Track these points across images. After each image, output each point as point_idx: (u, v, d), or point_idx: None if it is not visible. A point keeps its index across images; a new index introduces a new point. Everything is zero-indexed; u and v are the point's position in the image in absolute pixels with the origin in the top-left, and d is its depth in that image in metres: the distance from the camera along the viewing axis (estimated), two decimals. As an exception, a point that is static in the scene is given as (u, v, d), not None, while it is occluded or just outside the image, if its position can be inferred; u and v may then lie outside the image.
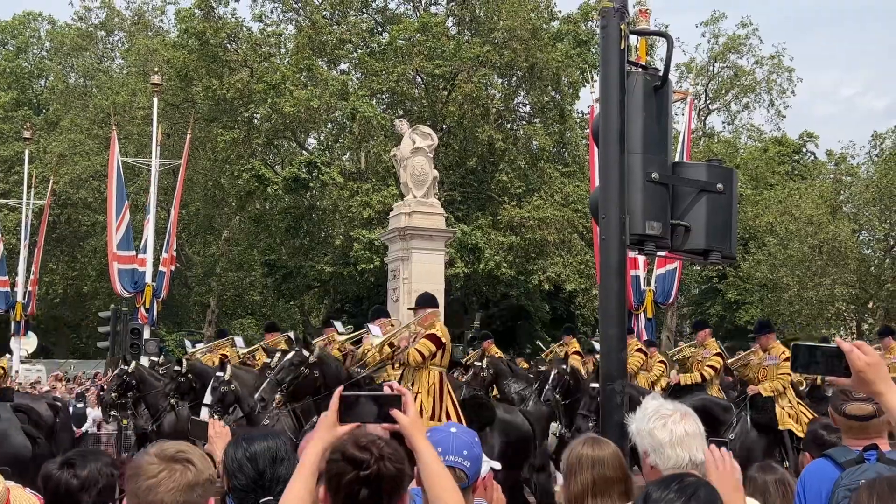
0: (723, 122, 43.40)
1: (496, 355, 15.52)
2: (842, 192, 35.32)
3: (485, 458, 2.97)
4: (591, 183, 18.49)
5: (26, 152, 29.40)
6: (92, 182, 34.92)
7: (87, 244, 36.93)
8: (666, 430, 2.97)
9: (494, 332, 33.35)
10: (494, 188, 31.77)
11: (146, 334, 21.01)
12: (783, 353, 13.14)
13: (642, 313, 19.51)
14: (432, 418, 9.56)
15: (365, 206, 29.17)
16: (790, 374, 11.34)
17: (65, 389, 22.13)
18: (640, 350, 14.14)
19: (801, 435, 10.67)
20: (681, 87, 34.20)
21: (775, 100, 41.16)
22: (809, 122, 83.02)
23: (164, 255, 23.25)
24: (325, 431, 2.48)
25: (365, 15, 34.75)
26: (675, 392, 11.96)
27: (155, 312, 22.95)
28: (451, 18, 33.27)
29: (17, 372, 25.74)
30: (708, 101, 41.39)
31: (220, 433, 3.46)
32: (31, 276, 27.38)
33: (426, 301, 10.16)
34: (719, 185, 5.49)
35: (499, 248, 29.68)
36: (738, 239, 7.51)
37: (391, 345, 10.38)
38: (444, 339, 9.82)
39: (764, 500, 3.69)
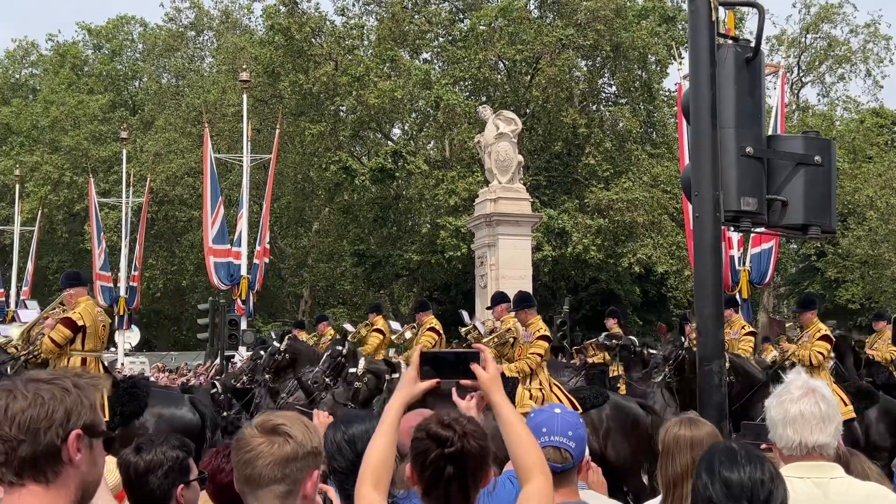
0: (817, 95, 41.80)
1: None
2: (945, 162, 33.76)
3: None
4: (681, 162, 18.11)
5: (124, 152, 30.40)
6: (187, 179, 36.00)
7: (184, 239, 38.11)
8: (781, 409, 2.90)
9: (584, 317, 33.14)
10: (581, 171, 31.45)
11: (243, 325, 21.53)
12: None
13: (737, 294, 19.05)
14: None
15: (451, 194, 29.27)
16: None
17: (167, 380, 22.95)
18: (751, 333, 13.26)
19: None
20: (772, 60, 33.14)
21: (872, 69, 39.51)
22: (910, 91, 79.44)
23: (258, 247, 23.76)
24: (406, 387, 2.54)
25: (445, 3, 34.78)
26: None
27: (251, 304, 23.48)
28: (532, 2, 33.01)
29: (122, 364, 26.80)
30: (801, 74, 40.01)
31: (324, 423, 3.51)
32: (133, 272, 28.36)
33: (525, 301, 10.70)
34: (817, 158, 5.33)
35: (586, 232, 29.39)
36: (837, 214, 7.27)
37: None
38: (551, 337, 10.47)
39: None
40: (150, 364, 30.34)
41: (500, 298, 11.62)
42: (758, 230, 6.00)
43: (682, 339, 11.53)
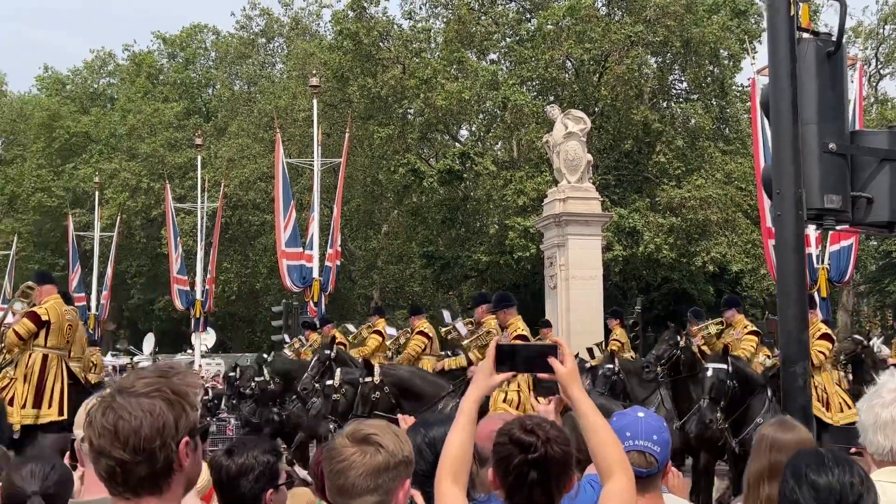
0: (897, 87, 40.51)
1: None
2: None
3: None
4: (756, 158, 17.69)
5: (198, 158, 31.03)
6: (259, 184, 36.66)
7: (257, 243, 38.80)
8: (871, 413, 2.82)
9: (656, 317, 32.62)
10: (651, 169, 31.05)
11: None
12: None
13: (816, 292, 18.54)
14: (524, 411, 9.73)
15: (519, 194, 29.19)
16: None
17: (243, 381, 23.38)
18: (753, 332, 12.34)
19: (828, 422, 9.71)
20: (849, 52, 32.22)
21: (953, 60, 38.08)
22: None
23: (330, 250, 24.01)
24: (482, 380, 2.54)
25: (512, 3, 34.71)
26: None
27: (323, 306, 23.75)
28: (599, 0, 32.71)
29: (199, 366, 27.38)
30: (879, 66, 38.76)
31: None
32: (208, 275, 28.93)
33: (504, 301, 10.59)
34: (904, 153, 5.16)
35: (658, 231, 29.00)
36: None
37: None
38: (530, 337, 10.22)
39: None
40: (226, 365, 30.94)
41: (480, 299, 11.53)
42: (841, 228, 5.84)
43: (678, 337, 11.02)
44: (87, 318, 32.11)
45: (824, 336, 10.66)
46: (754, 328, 12.04)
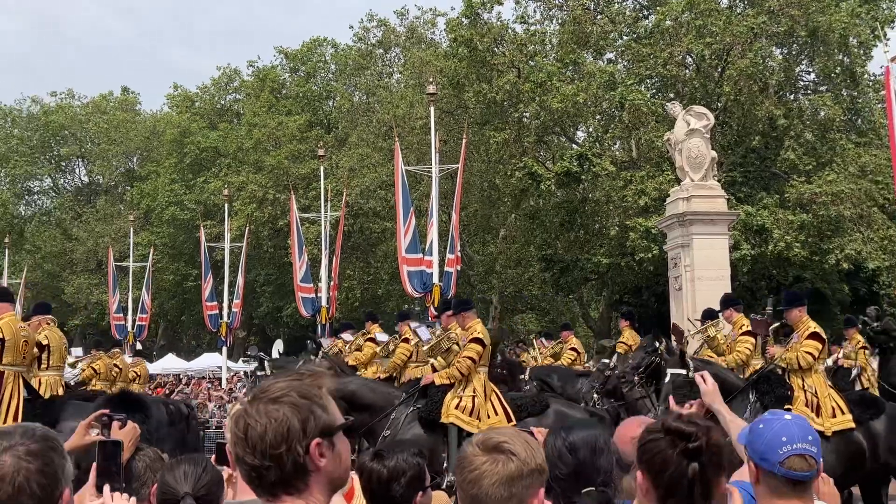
0: None
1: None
2: None
3: None
4: (893, 150, 16.84)
5: (321, 169, 31.82)
6: (379, 192, 37.33)
7: (378, 250, 39.52)
8: None
9: (787, 317, 31.39)
10: (779, 165, 29.96)
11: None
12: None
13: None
14: (478, 418, 9.55)
15: (640, 195, 28.68)
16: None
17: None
18: (748, 333, 11.53)
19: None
20: None
21: None
22: None
23: (449, 255, 24.21)
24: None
25: (629, 1, 34.19)
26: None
27: (444, 311, 23.93)
28: (720, -8, 31.82)
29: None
30: None
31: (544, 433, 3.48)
32: (332, 283, 29.65)
33: (463, 304, 10.42)
34: None
35: (788, 228, 27.94)
36: None
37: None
38: (486, 340, 9.94)
39: None
40: (351, 370, 31.54)
41: (445, 307, 11.35)
42: None
43: (657, 343, 10.31)
44: (218, 326, 33.47)
45: (814, 336, 9.78)
46: (749, 328, 11.18)
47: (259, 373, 14.63)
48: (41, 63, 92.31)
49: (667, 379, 9.37)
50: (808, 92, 32.07)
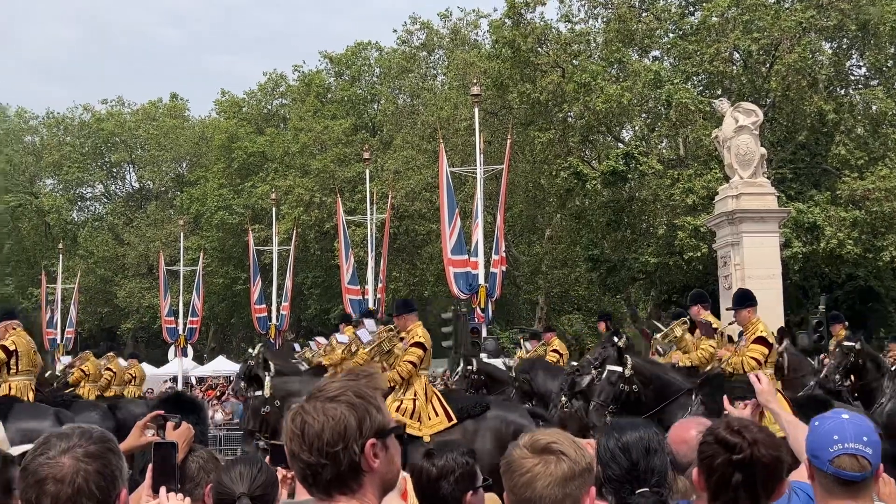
0: None
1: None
2: None
3: None
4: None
5: (367, 172, 32.03)
6: (424, 194, 37.43)
7: (424, 252, 39.62)
8: None
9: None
10: (830, 161, 29.42)
11: (483, 333, 22.00)
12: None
13: None
14: (419, 420, 9.55)
15: (687, 193, 28.37)
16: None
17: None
18: (761, 340, 10.16)
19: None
20: None
21: None
22: None
23: (495, 256, 24.21)
24: None
25: (674, -2, 33.87)
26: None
27: (490, 312, 23.95)
28: (767, -14, 31.35)
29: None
30: None
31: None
32: (379, 284, 29.81)
33: (404, 306, 10.45)
34: None
35: (840, 225, 27.43)
36: None
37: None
38: (427, 344, 9.94)
39: None
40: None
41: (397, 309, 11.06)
42: None
43: (616, 338, 10.02)
44: (267, 328, 33.85)
45: (760, 340, 9.40)
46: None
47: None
48: (91, 71, 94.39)
49: (604, 375, 9.31)
50: (859, 86, 31.48)
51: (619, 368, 9.24)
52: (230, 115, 50.01)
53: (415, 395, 9.71)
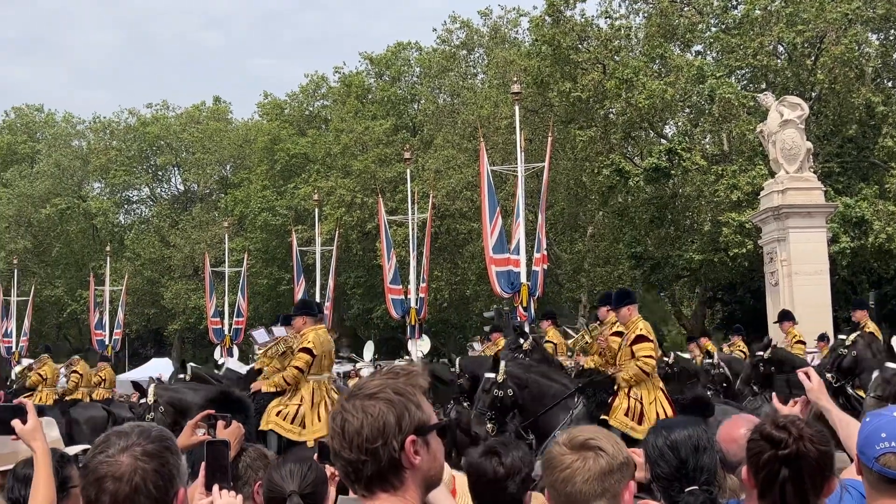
0: None
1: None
2: None
3: None
4: None
5: (408, 172, 32.07)
6: (465, 193, 37.41)
7: (465, 251, 39.61)
8: None
9: (890, 312, 30.26)
10: (878, 154, 28.87)
11: (527, 331, 21.91)
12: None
13: None
14: (302, 425, 9.36)
15: (732, 189, 28.03)
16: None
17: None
18: (643, 339, 9.78)
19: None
20: None
21: None
22: None
23: (537, 254, 24.10)
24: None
25: (716, -9, 33.46)
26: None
27: (532, 310, 23.86)
28: (812, -22, 30.85)
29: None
30: None
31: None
32: (421, 284, 29.86)
33: (301, 307, 10.30)
34: None
35: (889, 220, 26.91)
36: None
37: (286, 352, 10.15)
38: (316, 350, 9.63)
39: None
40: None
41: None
42: None
43: (521, 340, 9.97)
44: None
45: (641, 338, 9.09)
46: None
47: (179, 376, 13.74)
48: (136, 76, 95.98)
49: (480, 383, 9.26)
50: (909, 77, 30.86)
51: (493, 375, 9.14)
52: (272, 118, 50.49)
53: (300, 400, 9.57)
